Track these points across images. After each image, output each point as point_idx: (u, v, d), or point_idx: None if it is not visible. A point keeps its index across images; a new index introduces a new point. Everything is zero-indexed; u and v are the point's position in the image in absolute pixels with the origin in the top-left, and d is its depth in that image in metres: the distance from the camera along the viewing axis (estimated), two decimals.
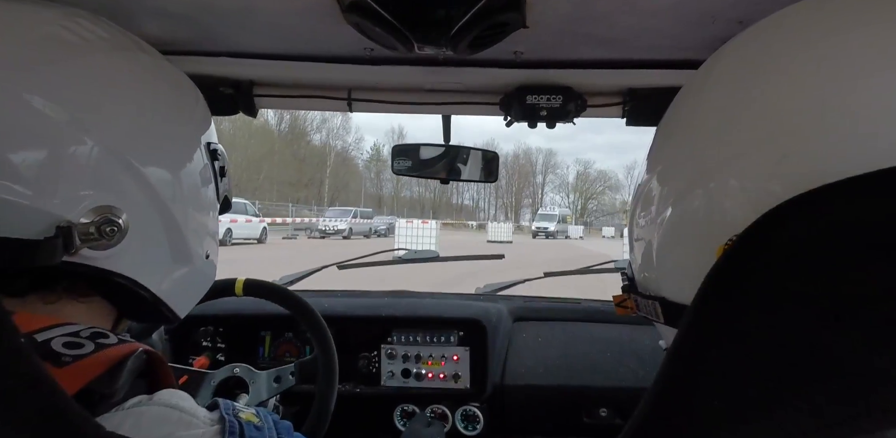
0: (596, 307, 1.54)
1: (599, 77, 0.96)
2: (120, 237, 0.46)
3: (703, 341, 0.38)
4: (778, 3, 0.48)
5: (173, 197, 0.53)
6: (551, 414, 1.31)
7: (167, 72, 0.59)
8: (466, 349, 1.34)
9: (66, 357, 0.39)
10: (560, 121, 1.04)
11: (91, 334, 0.44)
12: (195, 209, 0.57)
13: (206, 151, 0.60)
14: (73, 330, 0.43)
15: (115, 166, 0.47)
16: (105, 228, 0.45)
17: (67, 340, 0.42)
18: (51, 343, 0.41)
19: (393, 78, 1.01)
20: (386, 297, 1.53)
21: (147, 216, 0.50)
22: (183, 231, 0.54)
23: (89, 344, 0.42)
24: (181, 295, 0.58)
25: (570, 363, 1.35)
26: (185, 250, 0.56)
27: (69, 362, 0.39)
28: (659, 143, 0.58)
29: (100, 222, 0.45)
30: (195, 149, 0.58)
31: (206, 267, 0.61)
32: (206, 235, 0.61)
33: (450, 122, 1.23)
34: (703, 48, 0.83)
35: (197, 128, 0.60)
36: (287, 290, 1.02)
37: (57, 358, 0.39)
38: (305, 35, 0.84)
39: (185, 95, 0.61)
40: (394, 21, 0.69)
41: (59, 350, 0.40)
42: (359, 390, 1.33)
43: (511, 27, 0.73)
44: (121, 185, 0.48)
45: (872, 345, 0.30)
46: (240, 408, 0.47)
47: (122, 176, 0.48)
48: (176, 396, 0.44)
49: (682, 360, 0.39)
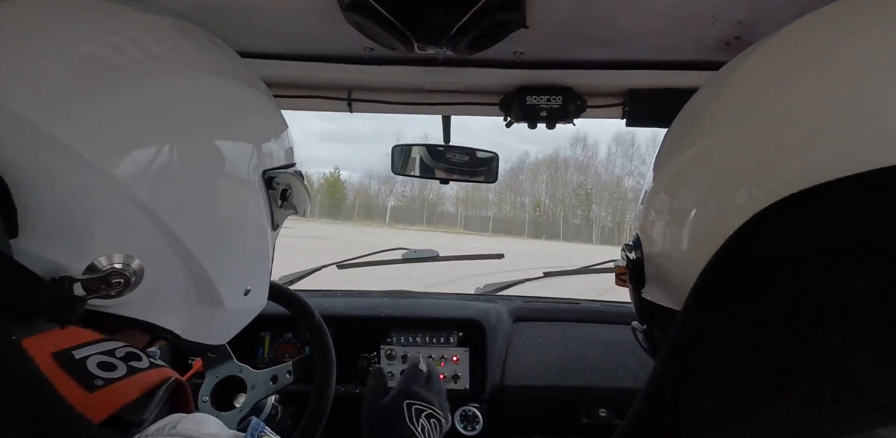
0: (595, 307, 1.54)
1: (599, 77, 0.96)
2: (130, 286, 0.43)
3: (695, 342, 0.38)
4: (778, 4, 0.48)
5: (202, 245, 0.49)
6: (550, 415, 1.31)
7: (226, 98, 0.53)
8: (466, 349, 1.34)
9: (98, 380, 0.39)
10: (560, 122, 1.04)
11: (125, 354, 0.43)
12: (232, 249, 0.53)
13: (259, 181, 0.55)
14: (110, 347, 0.43)
15: (133, 213, 0.43)
16: (112, 280, 0.42)
17: (102, 360, 0.41)
18: (87, 361, 0.40)
19: (393, 78, 1.01)
20: (385, 297, 1.53)
21: (166, 263, 0.47)
22: (210, 275, 0.50)
23: (122, 367, 0.41)
24: (213, 333, 0.56)
25: (570, 363, 1.35)
26: (214, 294, 0.52)
27: (100, 386, 0.39)
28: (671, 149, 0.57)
29: (106, 273, 0.42)
30: (238, 187, 0.52)
31: (245, 302, 0.58)
32: (246, 271, 0.57)
33: (450, 122, 1.23)
34: (703, 48, 0.83)
35: (247, 162, 0.53)
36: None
37: (89, 380, 0.39)
38: (305, 35, 0.84)
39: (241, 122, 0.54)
40: (394, 20, 0.69)
41: (93, 371, 0.39)
42: (358, 390, 1.33)
43: (511, 27, 0.73)
44: (137, 233, 0.44)
45: (862, 345, 0.30)
46: (267, 432, 0.46)
47: (141, 223, 0.44)
48: (199, 424, 0.42)
49: (675, 360, 0.39)
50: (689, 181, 0.50)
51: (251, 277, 0.58)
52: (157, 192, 0.44)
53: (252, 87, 0.58)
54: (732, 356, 0.35)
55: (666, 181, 0.55)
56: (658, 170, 0.58)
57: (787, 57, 0.45)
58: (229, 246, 0.53)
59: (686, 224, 0.49)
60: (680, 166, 0.52)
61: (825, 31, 0.44)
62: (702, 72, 0.90)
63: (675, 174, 0.53)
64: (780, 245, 0.37)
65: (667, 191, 0.54)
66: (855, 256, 0.33)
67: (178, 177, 0.46)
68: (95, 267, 0.42)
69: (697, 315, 0.40)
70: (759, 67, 0.47)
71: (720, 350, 0.36)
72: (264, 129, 0.58)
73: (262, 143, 0.56)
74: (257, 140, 0.56)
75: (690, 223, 0.48)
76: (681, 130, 0.56)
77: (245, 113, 0.56)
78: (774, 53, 0.47)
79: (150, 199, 0.44)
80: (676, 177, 0.52)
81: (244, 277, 0.57)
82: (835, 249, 0.34)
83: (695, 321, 0.40)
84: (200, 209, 0.49)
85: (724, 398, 0.33)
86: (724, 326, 0.37)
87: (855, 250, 0.33)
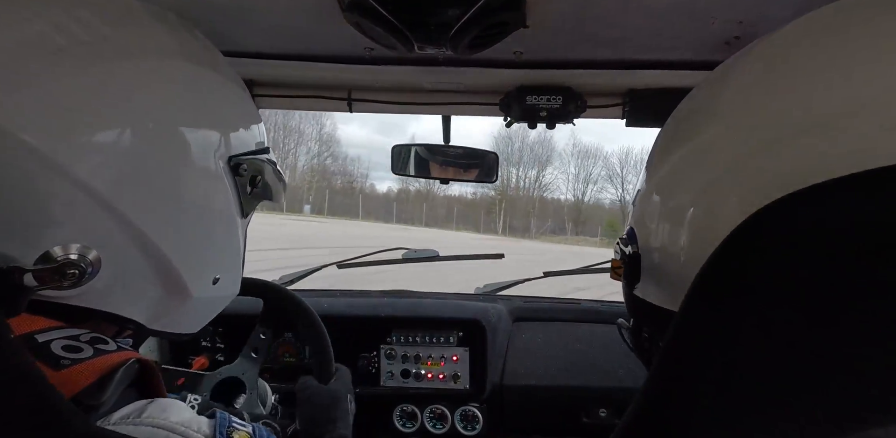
0: (595, 307, 1.54)
1: (599, 77, 0.96)
2: (86, 277, 0.42)
3: (692, 341, 0.38)
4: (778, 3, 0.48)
5: (164, 234, 0.47)
6: (550, 415, 1.31)
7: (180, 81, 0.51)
8: (466, 349, 1.34)
9: (65, 360, 0.39)
10: (560, 122, 1.04)
11: (91, 338, 0.43)
12: (197, 238, 0.52)
13: (225, 168, 0.54)
14: (74, 333, 0.43)
15: (85, 203, 0.42)
16: (66, 270, 0.41)
17: (67, 343, 0.41)
18: (51, 344, 0.40)
19: (393, 78, 1.01)
20: (385, 297, 1.53)
21: (125, 253, 0.46)
22: (175, 264, 0.49)
23: (88, 349, 0.41)
24: (182, 321, 0.55)
25: (570, 363, 1.35)
26: (178, 282, 0.51)
27: (67, 365, 0.38)
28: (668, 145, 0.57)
29: (60, 264, 0.41)
30: (200, 174, 0.51)
31: (215, 291, 0.57)
32: (214, 260, 0.56)
33: (450, 122, 1.23)
34: (704, 48, 0.83)
35: (211, 149, 0.52)
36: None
37: (56, 360, 0.38)
38: (305, 35, 0.84)
39: (204, 107, 0.53)
40: (394, 20, 0.69)
41: (58, 352, 0.39)
42: (358, 390, 1.33)
43: (511, 27, 0.73)
44: (92, 224, 0.43)
45: (858, 345, 0.30)
46: (236, 426, 0.46)
47: (95, 214, 0.43)
48: (167, 410, 0.42)
49: (672, 360, 0.39)
50: (687, 178, 0.50)
51: (220, 266, 0.57)
52: (112, 181, 0.43)
53: (221, 75, 0.57)
54: (730, 355, 0.35)
55: (663, 177, 0.55)
56: (654, 166, 0.58)
57: (788, 54, 0.45)
58: (194, 235, 0.52)
59: (684, 221, 0.48)
60: (678, 162, 0.52)
61: (826, 28, 0.44)
62: (702, 71, 0.90)
63: (672, 170, 0.53)
64: (782, 242, 0.37)
65: (664, 187, 0.54)
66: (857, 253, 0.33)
67: (135, 165, 0.44)
68: (49, 258, 0.41)
69: (695, 313, 0.40)
70: (762, 62, 0.47)
71: (717, 349, 0.36)
72: (231, 117, 0.57)
73: (227, 130, 0.55)
74: (222, 126, 0.55)
75: (689, 220, 0.48)
76: (678, 127, 0.56)
77: (210, 98, 0.54)
78: (776, 50, 0.47)
79: (104, 188, 0.42)
80: (674, 174, 0.52)
81: (212, 266, 0.56)
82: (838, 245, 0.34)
83: (693, 319, 0.40)
84: (160, 197, 0.47)
85: (722, 398, 0.33)
86: (721, 325, 0.37)
87: (857, 247, 0.33)
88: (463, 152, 1.30)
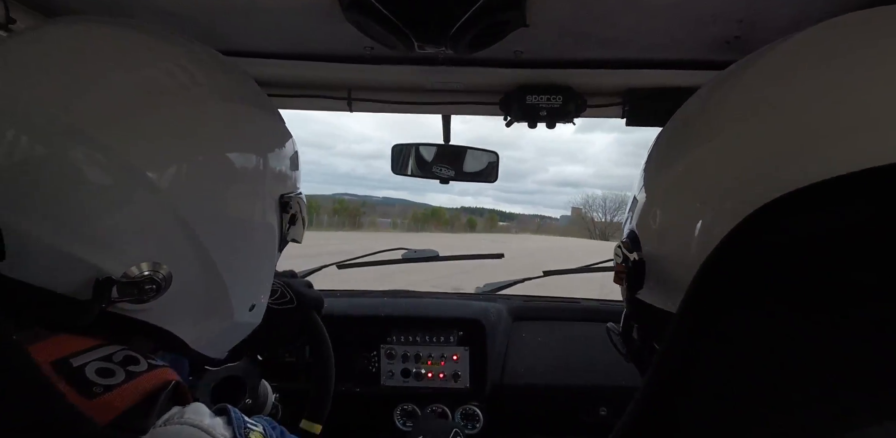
0: (595, 306, 1.54)
1: (599, 77, 0.96)
2: (159, 293, 0.45)
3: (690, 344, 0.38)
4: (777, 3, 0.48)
5: (224, 257, 0.51)
6: (550, 413, 1.31)
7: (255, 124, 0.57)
8: (466, 348, 1.34)
9: (97, 387, 0.40)
10: (560, 122, 1.04)
11: (123, 358, 0.44)
12: (248, 266, 0.56)
13: (276, 205, 0.59)
14: (108, 352, 0.44)
15: (171, 224, 0.46)
16: (145, 286, 0.44)
17: (101, 366, 0.42)
18: (85, 368, 0.41)
19: (393, 77, 1.01)
20: (385, 297, 1.53)
21: (191, 274, 0.49)
22: (228, 289, 0.53)
23: (120, 372, 0.42)
24: (216, 344, 0.58)
25: (570, 362, 1.35)
26: (226, 306, 0.55)
27: (99, 393, 0.40)
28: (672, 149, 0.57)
29: (141, 279, 0.44)
30: (263, 207, 0.56)
31: (249, 317, 0.60)
32: (255, 288, 0.59)
33: (450, 122, 1.23)
34: (704, 47, 0.83)
35: (269, 185, 0.57)
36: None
37: (88, 388, 0.40)
38: (306, 34, 0.84)
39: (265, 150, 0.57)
40: (394, 19, 0.69)
41: (91, 378, 0.40)
42: (358, 390, 1.33)
43: (511, 26, 0.73)
44: (171, 243, 0.47)
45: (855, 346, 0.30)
46: (250, 427, 0.48)
47: (175, 234, 0.47)
48: (199, 413, 0.44)
49: (671, 362, 0.39)
50: (694, 185, 0.50)
51: (258, 293, 0.61)
52: (195, 206, 0.48)
53: (274, 116, 0.62)
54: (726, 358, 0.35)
55: (667, 184, 0.54)
56: (655, 171, 0.57)
57: (803, 60, 0.45)
58: (248, 263, 0.56)
59: (693, 228, 0.48)
60: (684, 169, 0.51)
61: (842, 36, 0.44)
62: (702, 71, 0.90)
63: (678, 177, 0.52)
64: (779, 245, 0.37)
65: (669, 193, 0.54)
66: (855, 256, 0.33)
67: (215, 193, 0.50)
68: (131, 273, 0.44)
69: (693, 316, 0.40)
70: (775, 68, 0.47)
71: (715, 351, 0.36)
72: (283, 156, 0.61)
73: (283, 169, 0.60)
74: (280, 165, 0.60)
75: (700, 225, 0.48)
76: (685, 131, 0.56)
77: (272, 138, 0.60)
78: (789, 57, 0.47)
79: (188, 212, 0.47)
80: (680, 181, 0.52)
81: (253, 293, 0.59)
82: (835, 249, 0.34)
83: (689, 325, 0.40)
84: (231, 225, 0.52)
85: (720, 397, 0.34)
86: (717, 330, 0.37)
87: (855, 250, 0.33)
88: (463, 152, 1.30)
